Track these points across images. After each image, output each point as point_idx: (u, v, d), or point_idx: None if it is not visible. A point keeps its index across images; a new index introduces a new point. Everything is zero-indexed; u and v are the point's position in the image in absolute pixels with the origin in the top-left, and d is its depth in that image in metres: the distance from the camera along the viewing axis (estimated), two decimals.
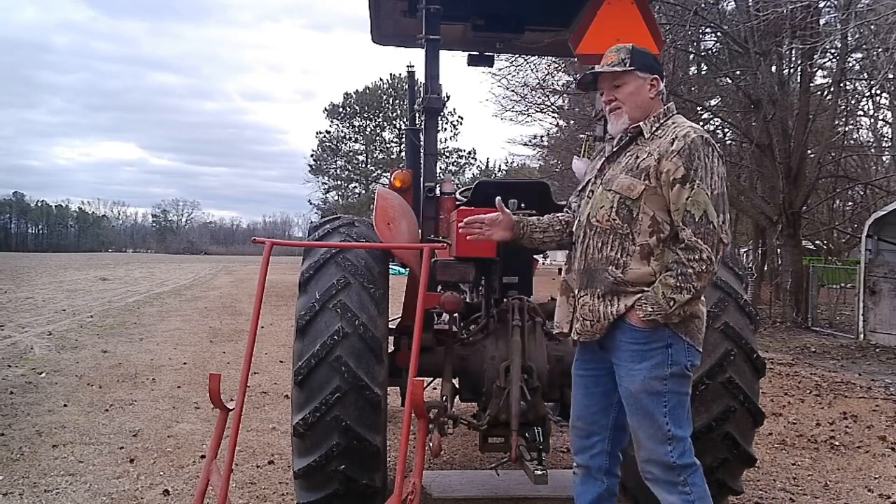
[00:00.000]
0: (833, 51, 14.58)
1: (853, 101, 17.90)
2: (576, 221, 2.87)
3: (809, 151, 16.22)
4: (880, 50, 11.92)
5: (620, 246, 2.67)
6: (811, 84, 15.99)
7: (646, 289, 2.64)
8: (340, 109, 61.91)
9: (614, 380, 2.78)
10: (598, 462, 2.90)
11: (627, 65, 2.75)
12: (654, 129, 2.74)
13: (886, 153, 21.32)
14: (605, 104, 2.81)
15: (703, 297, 2.73)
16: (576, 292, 2.80)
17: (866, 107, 19.13)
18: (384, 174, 54.85)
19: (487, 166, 61.24)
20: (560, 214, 3.09)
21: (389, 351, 3.77)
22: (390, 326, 3.89)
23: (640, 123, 2.75)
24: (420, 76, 4.53)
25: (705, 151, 2.61)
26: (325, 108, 62.43)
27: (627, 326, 2.66)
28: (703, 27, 15.58)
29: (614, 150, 2.84)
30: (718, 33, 15.76)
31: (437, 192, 4.42)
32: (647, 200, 2.64)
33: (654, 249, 2.66)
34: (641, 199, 2.64)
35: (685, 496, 2.65)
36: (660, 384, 2.64)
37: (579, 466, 2.97)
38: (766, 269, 19.80)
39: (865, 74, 15.46)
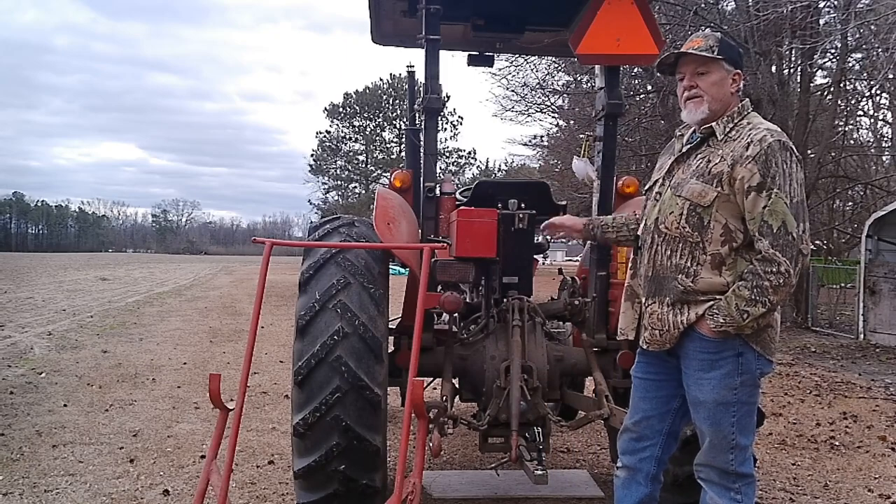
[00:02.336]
0: (833, 51, 14.59)
1: (853, 101, 17.91)
2: (642, 224, 2.79)
3: (809, 151, 16.21)
4: (880, 50, 11.93)
5: (690, 254, 2.57)
6: (811, 84, 15.99)
7: (717, 297, 2.53)
8: (340, 109, 61.96)
9: (676, 386, 2.72)
10: (647, 467, 2.84)
11: (715, 53, 2.62)
12: (727, 130, 2.62)
13: (886, 153, 21.33)
14: (685, 90, 2.69)
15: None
16: (642, 299, 2.74)
17: (866, 107, 19.17)
18: (384, 174, 54.86)
19: (487, 166, 61.32)
20: (634, 213, 3.04)
21: (389, 351, 3.77)
22: (390, 326, 3.88)
23: (713, 124, 2.64)
24: (420, 76, 4.53)
25: (783, 157, 2.48)
26: (325, 108, 62.61)
27: (697, 335, 2.58)
28: (703, 27, 15.56)
29: (683, 150, 2.73)
30: (718, 33, 15.75)
31: (437, 192, 4.41)
32: (719, 208, 2.52)
33: (725, 259, 2.55)
34: (713, 206, 2.53)
35: (734, 503, 2.61)
36: (730, 394, 2.56)
37: (624, 468, 2.90)
38: None
39: (865, 74, 15.47)
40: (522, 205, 3.91)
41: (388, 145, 61.53)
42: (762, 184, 2.45)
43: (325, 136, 62.40)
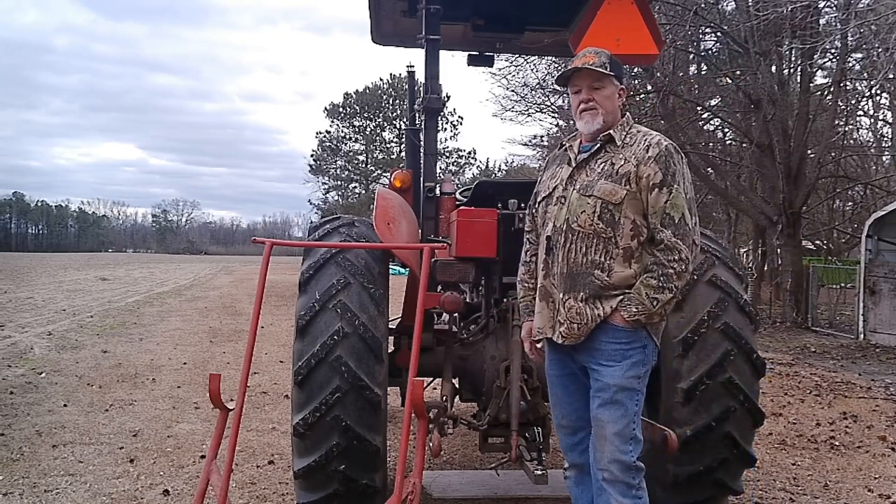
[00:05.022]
0: (833, 51, 14.58)
1: (853, 101, 17.89)
2: (548, 227, 2.88)
3: (809, 151, 16.21)
4: (880, 50, 11.92)
5: (605, 249, 2.75)
6: (811, 84, 15.98)
7: (627, 291, 2.73)
8: (340, 109, 61.90)
9: (587, 377, 2.86)
10: (590, 456, 2.92)
11: (608, 69, 2.82)
12: (624, 136, 2.84)
13: (886, 153, 21.33)
14: (583, 103, 2.85)
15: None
16: (559, 296, 2.82)
17: (866, 107, 19.15)
18: (384, 174, 54.84)
19: (487, 166, 61.25)
20: (524, 274, 3.09)
21: (389, 351, 3.77)
22: (390, 326, 3.88)
23: (611, 131, 2.84)
24: (420, 76, 4.53)
25: (678, 158, 2.77)
26: (326, 108, 62.50)
27: (610, 327, 2.74)
28: (703, 27, 15.56)
29: (579, 158, 2.88)
30: (718, 33, 15.74)
31: (437, 192, 4.42)
32: (627, 205, 2.74)
33: (634, 252, 2.76)
34: (623, 203, 2.73)
35: (637, 500, 2.74)
36: (636, 382, 2.76)
37: (572, 466, 3.03)
38: (766, 269, 19.79)
39: (865, 74, 15.46)
40: (522, 205, 3.91)
41: (388, 145, 61.47)
42: (664, 181, 2.72)
43: (325, 136, 62.36)
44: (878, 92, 17.18)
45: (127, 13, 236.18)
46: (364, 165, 62.08)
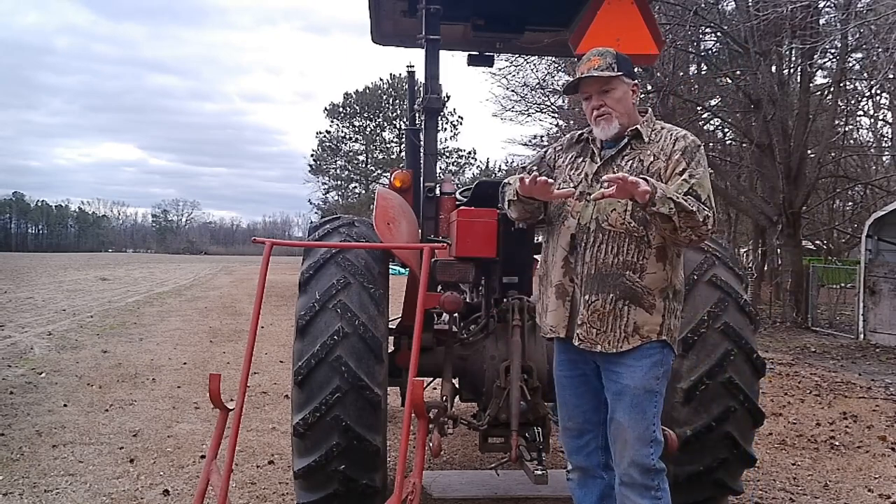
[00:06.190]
0: (833, 51, 14.59)
1: (853, 101, 17.90)
2: (570, 222, 2.82)
3: (809, 151, 16.22)
4: (880, 50, 11.92)
5: (637, 249, 2.69)
6: (811, 84, 15.98)
7: (658, 299, 2.68)
8: (340, 109, 61.89)
9: (600, 378, 2.82)
10: (595, 459, 2.92)
11: (615, 70, 2.76)
12: (650, 133, 2.80)
13: (886, 153, 21.33)
14: (594, 109, 2.80)
15: (678, 311, 2.81)
16: (581, 297, 2.76)
17: (866, 107, 19.16)
18: (384, 174, 54.82)
19: (487, 166, 61.23)
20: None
21: (389, 351, 3.77)
22: (390, 326, 3.88)
23: (638, 126, 2.79)
24: (420, 76, 4.54)
25: (701, 153, 2.75)
26: (326, 108, 62.48)
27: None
28: (703, 27, 15.56)
29: (604, 154, 2.82)
30: (718, 33, 15.75)
31: (437, 192, 4.42)
32: None
33: (668, 252, 2.71)
34: None
35: (656, 501, 2.71)
36: (655, 383, 2.72)
37: (576, 469, 2.99)
38: (766, 269, 19.79)
39: (865, 74, 15.46)
40: None
41: (388, 145, 61.44)
42: (685, 169, 2.68)
43: (325, 136, 62.35)
44: (878, 92, 17.20)
45: (127, 14, 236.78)
46: (364, 165, 62.05)
